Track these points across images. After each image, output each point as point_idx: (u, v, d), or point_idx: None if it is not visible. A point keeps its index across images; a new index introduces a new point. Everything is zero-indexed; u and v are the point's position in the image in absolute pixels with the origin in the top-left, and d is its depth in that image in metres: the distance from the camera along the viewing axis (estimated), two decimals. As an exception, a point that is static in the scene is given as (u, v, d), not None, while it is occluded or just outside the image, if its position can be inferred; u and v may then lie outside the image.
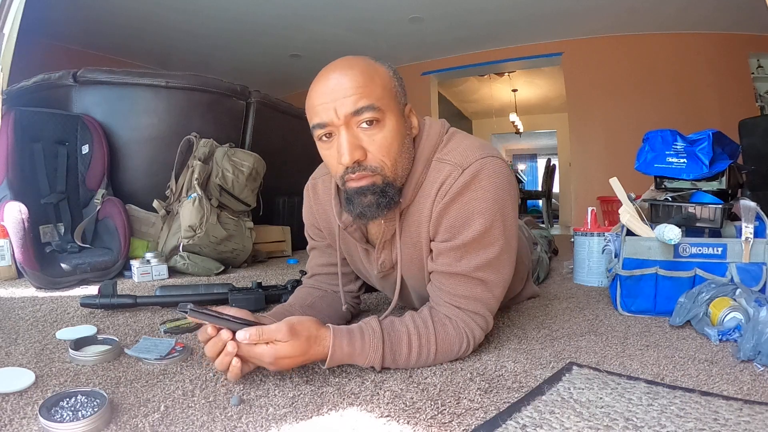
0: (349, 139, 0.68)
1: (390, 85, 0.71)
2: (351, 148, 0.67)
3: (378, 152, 0.69)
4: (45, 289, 1.45)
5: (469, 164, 0.73)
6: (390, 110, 0.70)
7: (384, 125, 0.69)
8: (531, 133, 8.70)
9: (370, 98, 0.67)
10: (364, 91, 0.67)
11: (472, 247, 0.74)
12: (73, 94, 2.03)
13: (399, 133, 0.71)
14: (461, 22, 4.29)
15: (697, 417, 0.56)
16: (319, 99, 0.69)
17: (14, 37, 1.68)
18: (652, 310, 1.12)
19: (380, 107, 0.68)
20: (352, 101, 0.67)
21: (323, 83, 0.69)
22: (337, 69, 0.70)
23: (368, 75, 0.69)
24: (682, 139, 1.22)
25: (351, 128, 0.68)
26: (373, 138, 0.69)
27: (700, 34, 4.25)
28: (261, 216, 2.25)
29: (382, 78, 0.70)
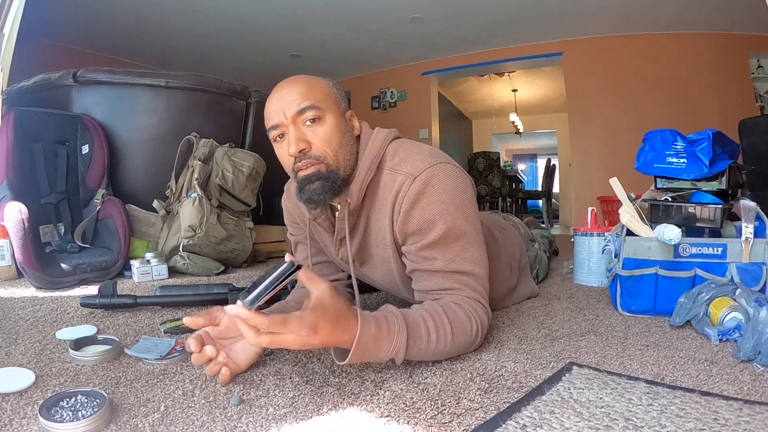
0: (296, 134, 0.79)
1: (329, 92, 0.84)
2: (297, 141, 0.79)
3: (320, 143, 0.80)
4: (45, 289, 1.45)
5: (419, 173, 0.80)
6: (329, 110, 0.82)
7: (324, 122, 0.81)
8: (531, 133, 8.69)
9: (311, 100, 0.80)
10: (306, 96, 0.80)
11: (441, 245, 0.81)
12: (73, 94, 2.03)
13: (338, 129, 0.82)
14: (461, 22, 4.29)
15: (697, 417, 0.56)
16: (271, 107, 0.81)
17: (14, 37, 1.68)
18: (652, 310, 1.12)
19: (320, 107, 0.80)
20: (297, 103, 0.79)
21: (274, 95, 0.82)
22: (284, 84, 0.83)
23: (309, 84, 0.82)
24: (682, 139, 1.22)
25: (297, 126, 0.80)
26: (315, 132, 0.80)
27: (700, 34, 4.25)
28: (261, 216, 2.25)
29: (321, 86, 0.83)
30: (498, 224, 1.27)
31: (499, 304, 1.16)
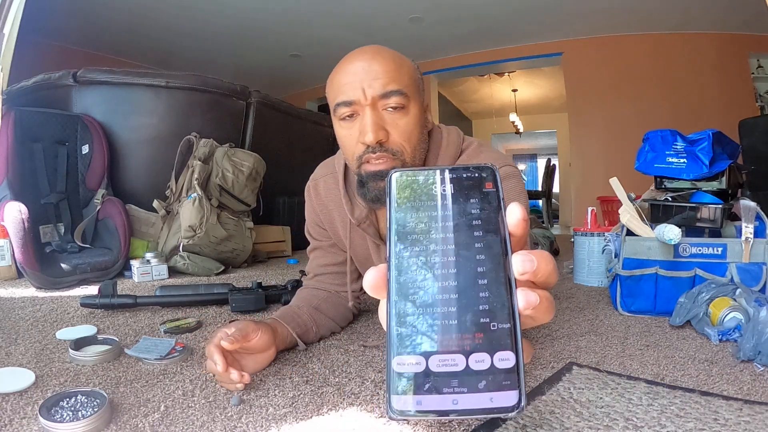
0: (374, 119, 0.68)
1: (415, 76, 0.73)
2: (376, 128, 0.68)
3: (400, 137, 0.70)
4: (45, 289, 1.45)
5: (502, 165, 0.76)
6: (414, 99, 0.72)
7: (408, 112, 0.70)
8: (531, 133, 8.69)
9: (399, 84, 0.69)
10: (394, 76, 0.69)
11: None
12: (73, 94, 2.03)
13: (420, 122, 0.73)
14: (461, 22, 4.29)
15: (697, 417, 0.56)
16: (346, 78, 0.69)
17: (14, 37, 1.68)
18: (652, 310, 1.12)
19: (407, 94, 0.70)
20: (382, 84, 0.68)
21: (352, 64, 0.70)
22: (367, 52, 0.71)
23: (398, 62, 0.71)
24: (682, 139, 1.22)
25: (377, 110, 0.69)
26: (397, 122, 0.70)
27: (700, 34, 4.25)
28: (261, 216, 2.25)
29: (409, 68, 0.72)
30: None
31: None
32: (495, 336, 0.23)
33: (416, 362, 0.22)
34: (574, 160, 4.86)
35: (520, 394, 0.22)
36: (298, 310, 0.87)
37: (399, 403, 0.22)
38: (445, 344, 0.22)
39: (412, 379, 0.22)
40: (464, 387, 0.22)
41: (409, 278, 0.24)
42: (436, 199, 0.25)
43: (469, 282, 0.23)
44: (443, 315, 0.23)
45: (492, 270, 0.24)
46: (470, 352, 0.22)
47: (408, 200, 0.25)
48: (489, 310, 0.23)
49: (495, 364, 0.22)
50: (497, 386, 0.22)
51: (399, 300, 0.24)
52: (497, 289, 0.23)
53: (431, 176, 0.26)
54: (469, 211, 0.25)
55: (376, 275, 0.25)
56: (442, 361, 0.22)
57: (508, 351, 0.22)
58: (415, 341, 0.23)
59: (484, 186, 0.25)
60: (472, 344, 0.22)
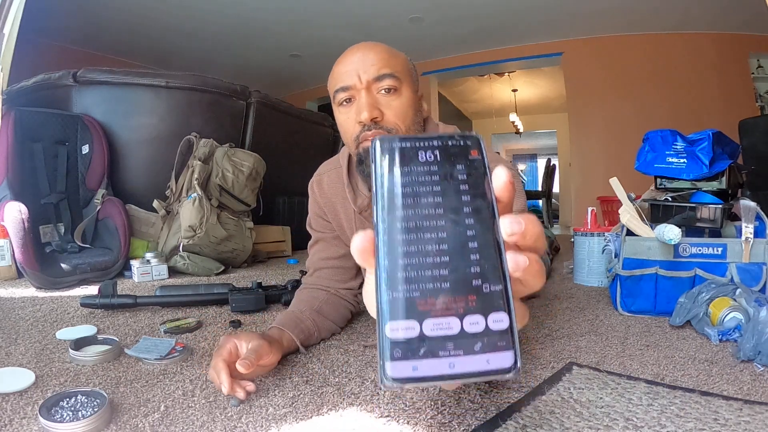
0: (369, 99, 0.74)
1: (408, 66, 0.79)
2: (370, 107, 0.73)
3: (394, 116, 0.75)
4: (45, 289, 1.45)
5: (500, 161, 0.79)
6: (407, 84, 0.77)
7: (401, 94, 0.76)
8: (531, 133, 8.69)
9: (391, 68, 0.75)
10: (387, 62, 0.75)
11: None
12: (73, 94, 2.03)
13: (413, 105, 0.78)
14: (461, 22, 4.29)
15: (697, 417, 0.56)
16: (344, 67, 0.76)
17: (14, 37, 1.68)
18: (652, 310, 1.12)
19: (399, 77, 0.75)
20: (376, 68, 0.74)
21: (349, 55, 0.76)
22: (362, 45, 0.77)
23: (391, 52, 0.77)
24: (682, 139, 1.22)
25: (371, 92, 0.75)
26: (390, 103, 0.75)
27: (700, 34, 4.25)
28: (261, 216, 2.25)
29: (402, 59, 0.79)
30: None
31: None
32: (488, 298, 0.22)
33: (410, 327, 0.22)
34: (574, 160, 4.86)
35: (516, 355, 0.22)
36: (301, 315, 0.87)
37: (394, 371, 0.21)
38: (438, 308, 0.22)
39: (407, 344, 0.21)
40: (460, 350, 0.21)
41: (397, 242, 0.23)
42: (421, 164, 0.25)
43: (459, 245, 0.23)
44: (435, 278, 0.22)
45: (481, 233, 0.23)
46: (464, 315, 0.22)
47: (393, 165, 0.24)
48: (480, 272, 0.23)
49: (489, 325, 0.22)
50: (493, 347, 0.22)
51: (389, 264, 0.23)
52: (487, 251, 0.23)
53: (416, 142, 0.25)
54: (455, 176, 0.24)
55: (364, 239, 0.24)
56: (436, 325, 0.22)
57: (501, 312, 0.22)
58: (408, 306, 0.22)
59: (470, 153, 0.25)
60: (466, 307, 0.22)
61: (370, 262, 0.24)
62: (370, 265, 0.24)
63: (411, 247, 0.23)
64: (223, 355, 0.63)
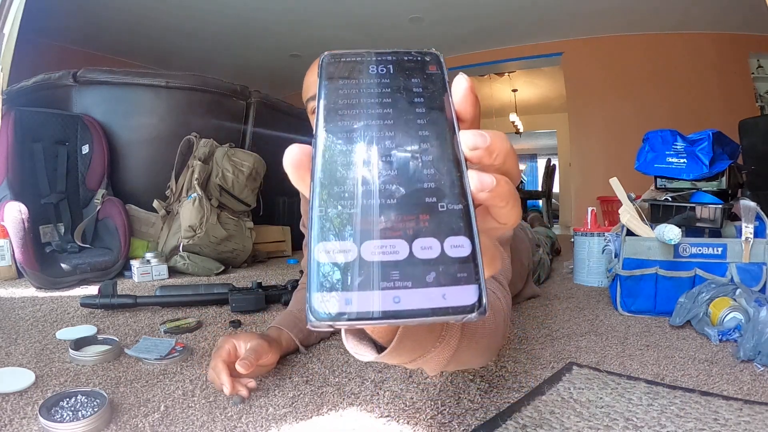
0: None
1: None
2: None
3: None
4: (45, 289, 1.45)
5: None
6: None
7: None
8: (531, 133, 8.68)
9: None
10: None
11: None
12: (73, 94, 2.03)
13: None
14: (461, 22, 4.29)
15: (697, 417, 0.56)
16: (313, 76, 0.76)
17: (14, 37, 1.68)
18: (652, 310, 1.12)
19: None
20: None
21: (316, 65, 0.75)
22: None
23: None
24: (682, 139, 1.22)
25: None
26: None
27: (700, 34, 4.25)
28: (261, 216, 2.25)
29: None
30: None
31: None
32: (444, 218, 0.18)
33: (345, 249, 0.17)
34: (574, 160, 4.86)
35: (480, 290, 0.17)
36: (299, 315, 0.87)
37: (323, 304, 0.17)
38: (382, 228, 0.17)
39: (341, 270, 0.17)
40: (408, 280, 0.17)
41: (337, 153, 0.19)
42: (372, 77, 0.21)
43: (410, 158, 0.19)
44: (380, 194, 0.18)
45: (437, 147, 0.19)
46: (414, 237, 0.17)
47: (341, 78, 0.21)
48: (435, 188, 0.18)
49: (446, 251, 0.17)
50: (450, 279, 0.17)
51: (324, 177, 0.19)
52: (444, 166, 0.19)
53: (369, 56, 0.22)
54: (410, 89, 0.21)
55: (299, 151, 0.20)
56: (378, 248, 0.17)
57: (461, 236, 0.18)
58: (344, 224, 0.18)
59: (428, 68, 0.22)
60: (416, 227, 0.18)
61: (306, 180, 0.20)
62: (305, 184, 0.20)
63: (352, 158, 0.19)
64: (222, 356, 0.63)
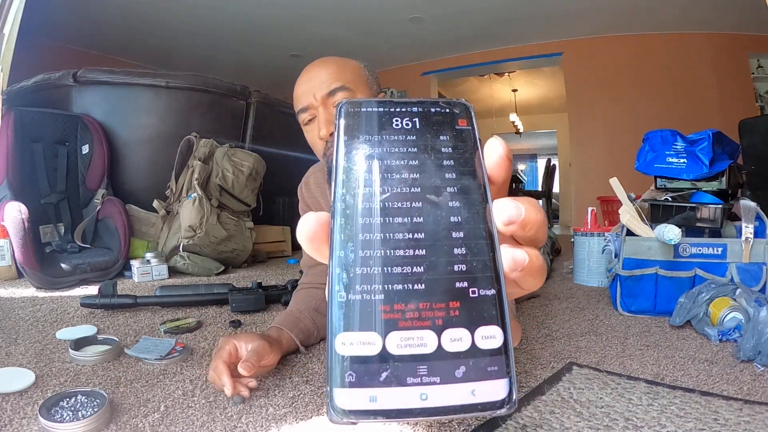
0: (326, 116, 0.78)
1: (360, 72, 0.82)
2: (328, 123, 0.77)
3: None
4: (45, 289, 1.45)
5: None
6: (361, 91, 0.80)
7: None
8: (531, 133, 8.69)
9: (342, 80, 0.78)
10: (337, 76, 0.78)
11: None
12: (73, 94, 2.03)
13: None
14: (461, 22, 4.29)
15: (697, 417, 0.56)
16: (300, 89, 0.80)
17: (14, 37, 1.68)
18: (652, 310, 1.12)
19: (351, 88, 0.78)
20: (327, 84, 0.77)
21: (303, 77, 0.81)
22: (314, 64, 0.81)
23: (340, 64, 0.80)
24: (682, 139, 1.22)
25: (328, 108, 0.78)
26: None
27: (700, 34, 4.25)
28: (261, 216, 2.25)
29: (352, 66, 0.82)
30: None
31: None
32: (476, 306, 0.16)
33: (369, 342, 0.16)
34: (574, 160, 4.86)
35: (511, 384, 0.16)
36: (299, 314, 0.87)
37: (345, 401, 0.16)
38: (408, 317, 0.16)
39: (364, 365, 0.16)
40: (436, 375, 0.16)
41: (358, 228, 0.17)
42: (395, 132, 0.19)
43: (439, 235, 0.17)
44: (406, 278, 0.16)
45: (469, 220, 0.18)
46: (443, 328, 0.16)
47: (361, 133, 0.19)
48: (467, 270, 0.17)
49: (476, 343, 0.16)
50: (481, 374, 0.16)
51: (345, 257, 0.17)
52: (477, 244, 0.17)
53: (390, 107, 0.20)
54: (438, 149, 0.19)
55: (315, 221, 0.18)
56: (404, 340, 0.16)
57: (493, 326, 0.16)
58: (367, 312, 0.16)
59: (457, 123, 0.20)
60: (446, 316, 0.16)
61: (323, 253, 0.18)
62: (323, 257, 0.19)
63: (376, 236, 0.17)
64: (223, 357, 0.63)
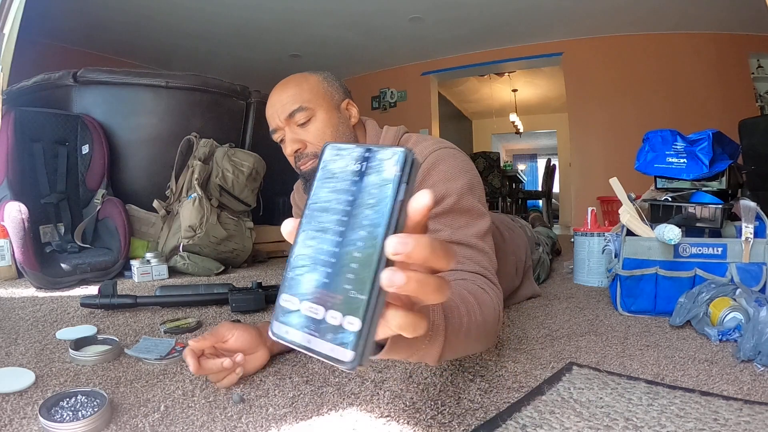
0: (290, 135, 0.85)
1: (318, 88, 0.87)
2: (291, 142, 0.85)
3: (314, 140, 0.85)
4: (45, 289, 1.45)
5: (428, 154, 0.81)
6: (319, 107, 0.85)
7: (316, 119, 0.85)
8: (531, 133, 8.69)
9: (299, 101, 0.84)
10: (295, 98, 0.84)
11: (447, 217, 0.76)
12: (73, 94, 2.02)
13: (330, 123, 0.86)
14: (461, 22, 4.29)
15: (697, 417, 0.56)
16: (268, 112, 0.87)
17: (14, 37, 1.68)
18: (652, 310, 1.12)
19: (308, 107, 0.84)
20: (287, 107, 0.84)
21: (269, 101, 0.87)
22: (276, 88, 0.87)
23: (297, 85, 0.86)
24: (682, 139, 1.22)
25: (292, 127, 0.85)
26: (308, 130, 0.85)
27: (701, 34, 4.25)
28: (261, 216, 2.25)
29: (310, 84, 0.87)
30: (506, 224, 1.26)
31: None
32: (351, 302, 0.26)
33: (293, 301, 0.28)
34: (574, 160, 4.86)
35: (357, 356, 0.25)
36: None
37: (277, 328, 0.28)
38: (315, 296, 0.27)
39: (288, 313, 0.28)
40: (317, 332, 0.26)
41: (308, 236, 0.28)
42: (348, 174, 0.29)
43: (347, 251, 0.27)
44: (321, 273, 0.27)
45: (368, 246, 0.27)
46: (328, 308, 0.26)
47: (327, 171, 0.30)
48: (354, 279, 0.26)
49: (343, 324, 0.26)
50: (339, 342, 0.26)
51: (297, 251, 0.29)
52: (367, 263, 0.26)
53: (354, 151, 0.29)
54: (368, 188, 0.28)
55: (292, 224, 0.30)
56: (308, 308, 0.27)
57: (356, 318, 0.26)
58: (297, 286, 0.28)
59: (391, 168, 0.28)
60: (332, 302, 0.26)
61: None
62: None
63: (314, 243, 0.28)
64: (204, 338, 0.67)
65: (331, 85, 0.90)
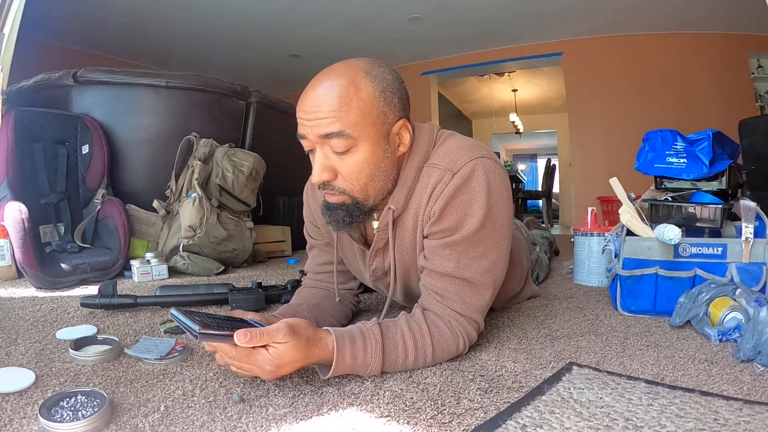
0: (321, 160, 0.71)
1: (369, 108, 0.69)
2: (320, 170, 0.71)
3: (347, 176, 0.72)
4: (45, 289, 1.45)
5: (459, 168, 0.73)
6: (365, 136, 0.69)
7: (357, 150, 0.70)
8: (531, 133, 8.69)
9: (342, 124, 0.67)
10: (338, 115, 0.67)
11: (462, 246, 0.75)
12: (73, 94, 2.02)
13: (373, 159, 0.71)
14: (461, 22, 4.29)
15: (697, 417, 0.56)
16: (300, 113, 0.71)
17: (14, 37, 1.68)
18: (652, 310, 1.12)
19: (351, 135, 0.68)
20: (325, 124, 0.67)
21: (307, 96, 0.70)
22: (316, 86, 0.69)
23: (346, 98, 0.67)
24: (682, 139, 1.22)
25: (324, 149, 0.70)
26: (344, 161, 0.71)
27: (700, 34, 4.25)
28: (261, 216, 2.25)
29: (361, 101, 0.68)
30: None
31: (497, 305, 1.16)
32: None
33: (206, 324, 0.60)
34: (574, 160, 4.86)
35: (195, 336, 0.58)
36: (298, 308, 0.88)
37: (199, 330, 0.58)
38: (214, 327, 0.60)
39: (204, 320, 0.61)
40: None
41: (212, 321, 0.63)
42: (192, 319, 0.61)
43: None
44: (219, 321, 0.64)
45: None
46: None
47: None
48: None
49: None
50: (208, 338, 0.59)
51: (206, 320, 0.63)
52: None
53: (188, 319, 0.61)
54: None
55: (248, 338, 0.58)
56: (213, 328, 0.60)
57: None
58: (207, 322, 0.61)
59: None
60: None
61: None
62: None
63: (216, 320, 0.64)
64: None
65: (389, 102, 0.71)
